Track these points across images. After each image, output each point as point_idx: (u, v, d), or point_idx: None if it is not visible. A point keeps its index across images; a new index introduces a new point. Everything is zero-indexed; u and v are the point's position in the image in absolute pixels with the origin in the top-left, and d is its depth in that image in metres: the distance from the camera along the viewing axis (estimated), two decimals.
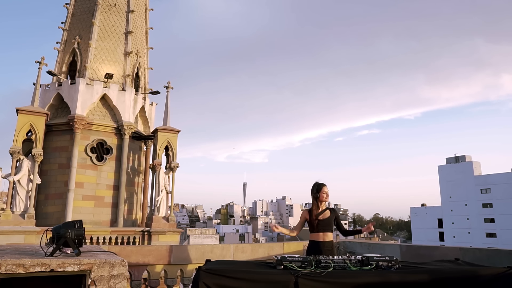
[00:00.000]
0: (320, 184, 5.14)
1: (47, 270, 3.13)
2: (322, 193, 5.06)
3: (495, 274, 3.59)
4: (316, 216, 4.97)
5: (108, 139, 16.23)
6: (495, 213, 66.43)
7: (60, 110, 16.38)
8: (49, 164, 15.45)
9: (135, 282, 5.16)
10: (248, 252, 6.13)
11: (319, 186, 5.11)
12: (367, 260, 3.89)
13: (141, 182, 17.61)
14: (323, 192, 5.06)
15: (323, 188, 5.09)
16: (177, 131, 16.91)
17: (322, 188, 5.08)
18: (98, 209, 15.54)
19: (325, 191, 5.07)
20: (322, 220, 4.95)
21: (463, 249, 5.30)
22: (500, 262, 4.36)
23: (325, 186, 5.11)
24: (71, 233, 3.48)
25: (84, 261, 3.28)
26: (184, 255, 5.50)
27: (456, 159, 74.93)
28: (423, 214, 79.32)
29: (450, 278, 3.58)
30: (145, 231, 15.22)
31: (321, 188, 5.09)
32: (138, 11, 18.91)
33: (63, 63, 17.36)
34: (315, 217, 4.97)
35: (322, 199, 5.06)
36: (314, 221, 4.95)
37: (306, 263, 3.78)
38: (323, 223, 4.96)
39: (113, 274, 3.39)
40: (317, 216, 4.97)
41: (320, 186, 5.11)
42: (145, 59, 19.37)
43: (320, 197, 5.05)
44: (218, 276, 3.50)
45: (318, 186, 5.12)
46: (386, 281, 3.57)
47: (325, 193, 5.07)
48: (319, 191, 5.07)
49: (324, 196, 5.06)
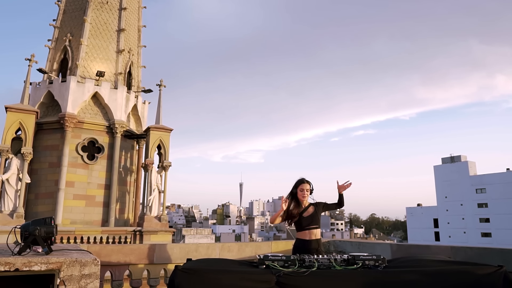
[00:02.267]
0: (301, 179, 4.80)
1: (11, 269, 2.95)
2: (299, 190, 4.72)
3: (485, 273, 3.45)
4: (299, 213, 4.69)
5: (99, 137, 16.02)
6: (490, 213, 66.55)
7: (51, 108, 16.15)
8: (39, 163, 15.23)
9: (116, 282, 4.98)
10: (235, 251, 5.96)
11: (299, 182, 4.77)
12: (353, 259, 3.74)
13: (133, 181, 17.41)
14: (300, 189, 4.72)
15: (300, 185, 4.74)
16: (170, 129, 16.72)
17: (300, 185, 4.74)
18: (89, 209, 15.33)
19: (302, 188, 4.71)
20: (306, 218, 4.69)
21: (454, 247, 5.17)
22: (492, 260, 4.23)
23: (304, 184, 4.74)
24: (41, 231, 3.29)
25: (52, 260, 3.10)
26: (168, 254, 5.33)
27: (451, 159, 75.03)
28: (419, 214, 79.39)
29: (439, 277, 3.43)
30: (137, 230, 15.03)
31: (299, 184, 4.75)
32: (130, 8, 18.70)
33: (54, 60, 17.14)
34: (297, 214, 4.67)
35: (299, 196, 4.70)
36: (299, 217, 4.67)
37: (289, 262, 3.62)
38: (307, 220, 4.70)
39: (84, 273, 3.21)
40: (301, 213, 4.70)
41: (300, 182, 4.76)
42: (138, 57, 19.17)
43: (297, 193, 4.71)
44: (195, 275, 3.33)
45: (298, 181, 4.78)
46: (371, 281, 3.42)
47: (303, 190, 4.70)
48: (297, 187, 4.74)
49: (300, 193, 4.69)
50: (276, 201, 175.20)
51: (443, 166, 75.70)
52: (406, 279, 3.46)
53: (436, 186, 76.12)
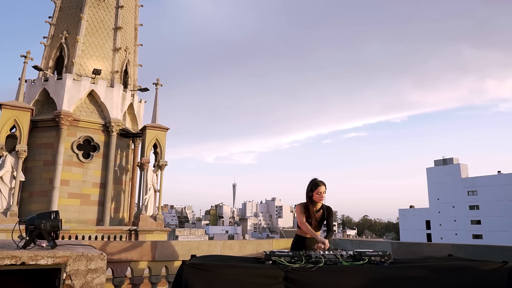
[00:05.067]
0: (316, 182, 4.63)
1: (17, 263, 2.91)
2: (316, 194, 4.59)
3: (491, 269, 3.48)
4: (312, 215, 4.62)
5: (95, 136, 15.89)
6: (482, 215, 67.22)
7: (46, 106, 15.99)
8: (33, 161, 15.05)
9: (117, 279, 4.94)
10: (236, 248, 5.95)
11: (314, 185, 4.60)
12: (359, 255, 3.74)
13: (128, 180, 17.30)
14: (317, 192, 4.59)
15: (318, 188, 4.59)
16: (166, 128, 16.65)
17: (317, 188, 4.59)
18: (84, 207, 15.19)
19: (320, 191, 4.58)
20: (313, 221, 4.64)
21: (455, 245, 5.20)
22: (493, 258, 4.25)
23: (320, 186, 4.58)
24: (46, 225, 3.25)
25: (59, 254, 3.07)
26: (169, 252, 5.30)
27: (444, 161, 75.67)
28: (411, 216, 79.94)
29: (446, 272, 3.45)
30: (132, 230, 14.93)
31: (316, 187, 4.60)
32: (127, 6, 18.59)
33: (50, 58, 16.97)
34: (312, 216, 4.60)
35: (315, 199, 4.59)
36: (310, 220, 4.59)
37: (296, 258, 3.62)
38: (314, 224, 4.64)
39: (90, 268, 3.17)
40: (313, 214, 4.63)
41: (315, 185, 4.59)
42: (134, 55, 19.06)
43: (313, 196, 4.59)
44: (203, 270, 3.31)
45: (313, 184, 4.61)
46: (379, 276, 3.43)
47: (320, 193, 4.57)
48: (313, 191, 4.61)
49: (317, 197, 4.57)
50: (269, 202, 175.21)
51: (435, 168, 76.31)
52: (412, 275, 3.48)
53: (428, 188, 76.70)
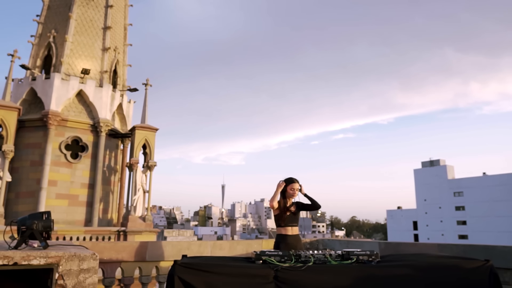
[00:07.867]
0: (290, 179, 5.01)
1: (9, 263, 2.92)
2: (290, 189, 4.93)
3: (474, 267, 3.62)
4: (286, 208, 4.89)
5: (83, 136, 15.77)
6: (467, 215, 68.36)
7: (34, 106, 15.81)
8: (20, 161, 14.88)
9: (107, 280, 4.94)
10: (226, 249, 6.00)
11: (289, 181, 4.98)
12: (347, 254, 3.84)
13: (117, 181, 17.20)
14: (290, 188, 4.93)
15: (292, 184, 4.95)
16: (155, 129, 16.61)
17: (291, 184, 4.95)
18: (72, 208, 15.07)
19: (293, 187, 4.94)
20: (289, 215, 4.89)
21: (441, 245, 5.35)
22: (476, 256, 4.40)
23: (294, 183, 4.96)
24: (38, 225, 3.27)
25: (52, 254, 3.08)
26: (160, 252, 5.33)
27: (431, 163, 76.75)
28: (398, 217, 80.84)
29: (431, 270, 3.57)
30: (120, 231, 14.85)
31: (290, 183, 4.95)
32: (117, 6, 18.49)
33: (38, 57, 16.79)
34: (286, 209, 4.88)
35: (288, 195, 4.94)
36: (284, 214, 4.86)
37: (286, 257, 3.69)
38: (291, 218, 4.91)
39: (83, 268, 3.20)
40: (288, 208, 4.90)
41: (289, 182, 4.97)
42: (124, 55, 18.96)
43: (286, 191, 4.93)
44: (194, 270, 3.36)
45: (288, 181, 4.98)
46: (367, 275, 3.52)
47: (293, 189, 4.93)
48: (287, 186, 4.94)
49: (291, 192, 4.92)
50: (258, 203, 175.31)
51: (423, 169, 77.33)
52: (399, 273, 3.59)
53: (416, 189, 77.67)
